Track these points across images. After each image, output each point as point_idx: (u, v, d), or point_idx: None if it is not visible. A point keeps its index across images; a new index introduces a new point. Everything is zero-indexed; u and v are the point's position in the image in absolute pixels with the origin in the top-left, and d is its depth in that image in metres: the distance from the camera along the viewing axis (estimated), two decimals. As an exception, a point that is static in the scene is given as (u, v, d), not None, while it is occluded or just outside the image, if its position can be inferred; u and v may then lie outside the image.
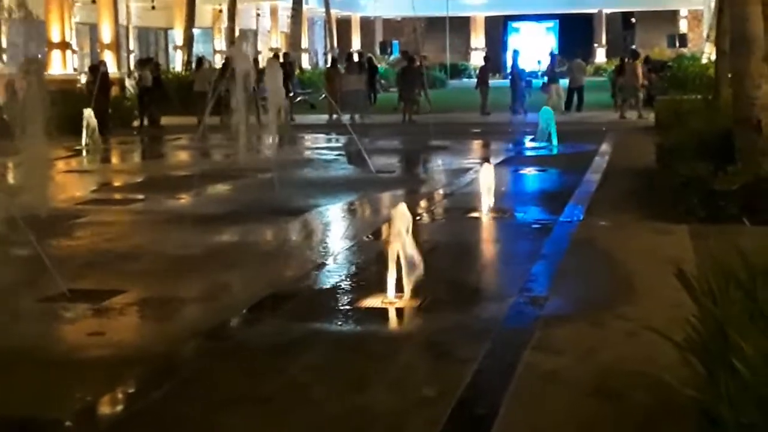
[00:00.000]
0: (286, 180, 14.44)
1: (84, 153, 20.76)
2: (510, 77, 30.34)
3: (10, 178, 15.73)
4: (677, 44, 52.12)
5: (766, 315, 3.92)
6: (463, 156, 19.28)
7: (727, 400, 3.51)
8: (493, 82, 35.48)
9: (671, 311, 5.32)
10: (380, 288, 7.51)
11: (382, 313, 7.25)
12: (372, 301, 7.46)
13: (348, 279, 8.43)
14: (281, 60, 29.80)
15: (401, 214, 7.48)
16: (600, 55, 60.49)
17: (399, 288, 7.44)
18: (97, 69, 26.20)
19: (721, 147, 11.16)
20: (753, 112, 10.65)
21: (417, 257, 7.41)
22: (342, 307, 7.46)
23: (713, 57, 24.68)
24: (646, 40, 59.84)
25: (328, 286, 8.21)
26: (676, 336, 4.25)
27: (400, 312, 7.25)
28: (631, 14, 65.61)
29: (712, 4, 32.38)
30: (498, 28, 66.12)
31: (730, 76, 12.86)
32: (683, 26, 60.69)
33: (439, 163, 18.17)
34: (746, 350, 3.59)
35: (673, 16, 61.57)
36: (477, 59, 62.80)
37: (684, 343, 4.16)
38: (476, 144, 22.26)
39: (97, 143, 21.68)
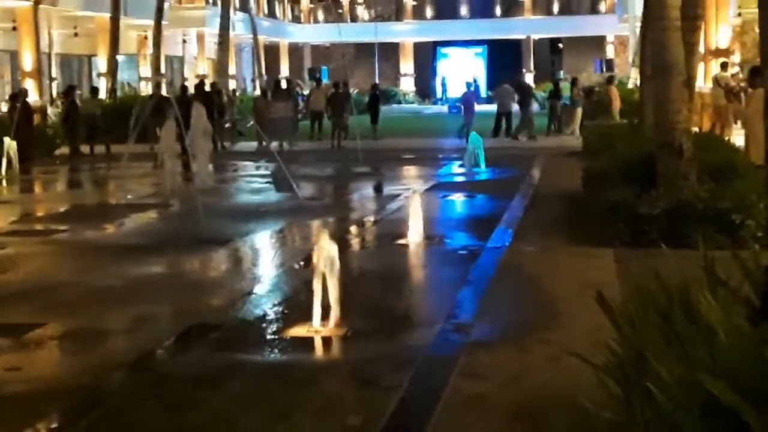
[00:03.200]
0: (212, 208, 14.38)
1: (3, 183, 20.46)
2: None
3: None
4: (604, 69, 52.99)
5: (681, 339, 4.01)
6: (392, 182, 19.37)
7: (642, 423, 3.58)
8: (423, 107, 35.53)
9: (593, 335, 5.42)
10: (307, 316, 7.54)
11: (308, 341, 7.26)
12: (298, 330, 7.48)
13: (274, 308, 8.43)
14: (208, 89, 29.75)
15: (326, 242, 7.53)
16: (528, 80, 61.19)
17: (325, 316, 7.48)
18: (17, 97, 25.85)
19: (645, 172, 11.36)
20: (675, 137, 10.87)
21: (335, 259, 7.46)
22: (268, 337, 7.46)
23: (639, 82, 25.15)
24: (573, 65, 60.91)
25: (254, 316, 8.20)
26: (597, 360, 4.34)
27: (326, 340, 7.27)
28: (558, 40, 66.64)
29: (638, 31, 33.02)
30: (427, 54, 66.60)
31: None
32: (610, 52, 61.77)
33: (367, 190, 18.25)
34: (662, 374, 3.67)
35: (599, 41, 62.66)
36: (406, 85, 63.26)
37: (603, 367, 4.24)
38: (405, 170, 22.37)
39: (17, 173, 21.36)
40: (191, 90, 30.01)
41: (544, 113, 32.87)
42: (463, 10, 67.00)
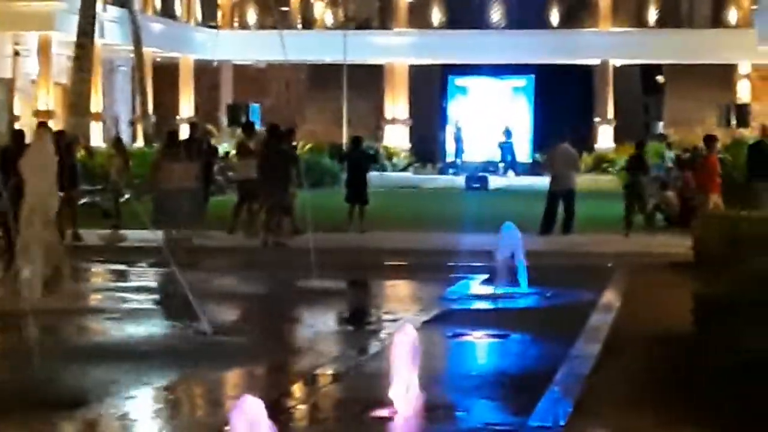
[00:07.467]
0: (56, 346, 14.33)
1: None
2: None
3: None
4: (734, 121, 53.49)
5: None
6: (367, 308, 19.38)
7: None
8: (424, 177, 35.09)
9: None
10: None
11: None
12: None
13: None
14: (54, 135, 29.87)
15: (251, 409, 7.53)
16: (605, 137, 61.44)
17: None
18: None
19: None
20: None
21: None
22: None
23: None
24: (680, 112, 61.27)
25: None
26: None
27: None
28: (657, 69, 67.03)
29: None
30: (432, 86, 66.94)
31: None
32: (744, 91, 62.06)
33: (325, 322, 18.21)
34: None
35: (726, 74, 62.75)
36: (396, 138, 63.02)
37: None
38: (391, 287, 22.42)
39: None
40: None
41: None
42: (495, 16, 67.17)
